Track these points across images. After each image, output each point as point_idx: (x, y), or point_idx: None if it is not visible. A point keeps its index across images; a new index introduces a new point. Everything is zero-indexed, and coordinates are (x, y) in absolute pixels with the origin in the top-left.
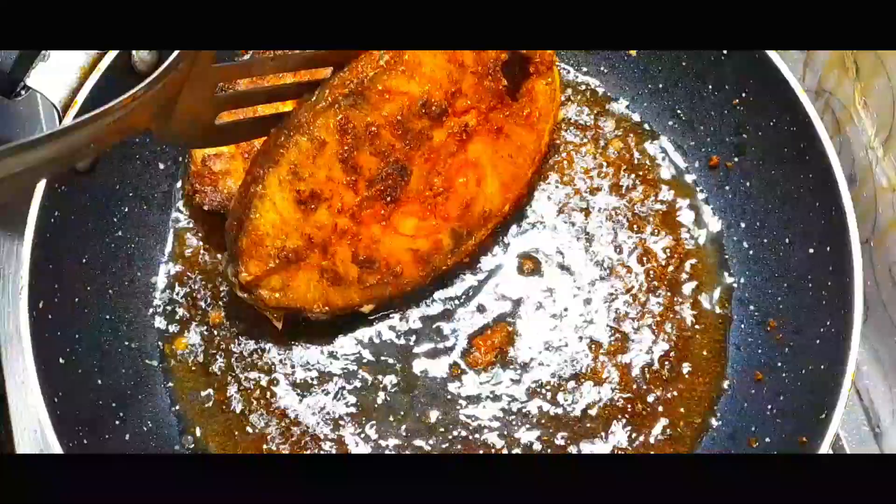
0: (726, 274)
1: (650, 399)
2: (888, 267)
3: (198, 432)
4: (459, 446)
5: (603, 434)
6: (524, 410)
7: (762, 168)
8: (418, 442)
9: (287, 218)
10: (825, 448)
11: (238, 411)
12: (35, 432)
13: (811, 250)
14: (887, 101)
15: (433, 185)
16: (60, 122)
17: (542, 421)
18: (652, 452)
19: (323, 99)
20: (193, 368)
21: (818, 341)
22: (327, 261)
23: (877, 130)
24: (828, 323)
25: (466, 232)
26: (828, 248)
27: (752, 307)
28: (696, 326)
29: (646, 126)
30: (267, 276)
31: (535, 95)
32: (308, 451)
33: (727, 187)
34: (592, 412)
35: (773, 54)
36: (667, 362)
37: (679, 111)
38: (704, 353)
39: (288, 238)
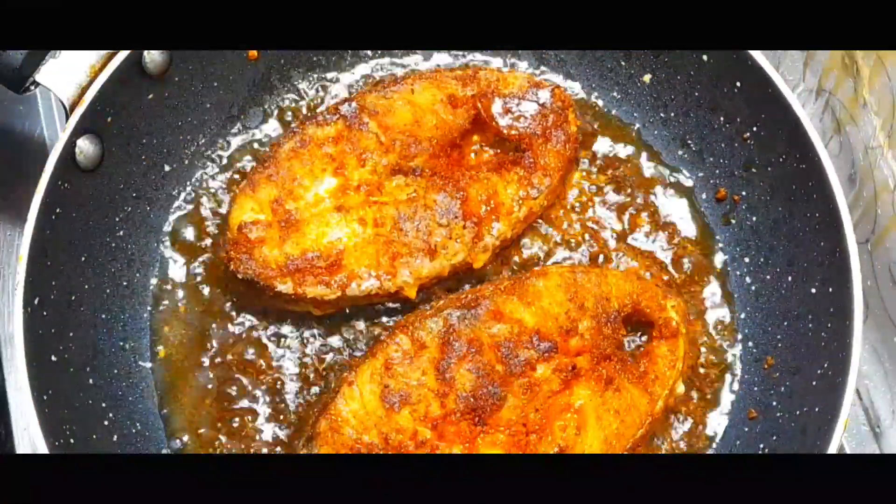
0: (728, 308)
1: None
2: (888, 267)
3: (185, 438)
4: None
5: None
6: None
7: (769, 204)
8: None
9: (369, 411)
10: None
11: (228, 420)
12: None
13: (813, 290)
14: (887, 101)
15: (527, 421)
16: (67, 119)
17: None
18: None
19: (435, 306)
20: (186, 373)
21: (814, 383)
22: None
23: (877, 130)
24: (825, 365)
25: None
26: (830, 290)
27: (750, 343)
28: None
29: (654, 151)
30: None
31: (654, 357)
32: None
33: (733, 221)
34: None
35: (786, 90)
36: None
37: (689, 141)
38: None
39: (366, 432)
